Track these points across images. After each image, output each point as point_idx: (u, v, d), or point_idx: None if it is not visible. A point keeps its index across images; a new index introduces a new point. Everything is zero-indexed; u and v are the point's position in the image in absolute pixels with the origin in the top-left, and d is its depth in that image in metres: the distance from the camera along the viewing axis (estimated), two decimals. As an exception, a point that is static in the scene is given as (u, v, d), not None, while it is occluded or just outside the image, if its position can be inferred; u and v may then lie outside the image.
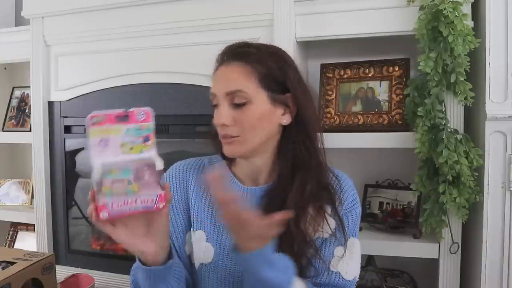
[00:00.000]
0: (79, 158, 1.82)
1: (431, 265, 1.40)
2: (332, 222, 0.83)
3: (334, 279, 0.82)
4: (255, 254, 0.68)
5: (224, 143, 0.84)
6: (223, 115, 0.82)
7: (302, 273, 0.79)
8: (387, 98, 1.44)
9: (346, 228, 0.84)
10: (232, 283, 0.84)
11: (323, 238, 0.83)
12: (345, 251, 0.83)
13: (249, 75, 0.82)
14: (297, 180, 0.82)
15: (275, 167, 0.87)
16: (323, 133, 0.89)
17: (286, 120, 0.85)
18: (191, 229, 0.89)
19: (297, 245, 0.80)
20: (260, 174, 0.88)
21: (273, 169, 0.87)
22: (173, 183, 0.92)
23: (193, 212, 0.89)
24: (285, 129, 0.86)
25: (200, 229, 0.87)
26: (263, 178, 0.88)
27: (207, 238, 0.86)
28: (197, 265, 0.87)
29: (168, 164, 0.64)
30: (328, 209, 0.83)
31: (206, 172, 0.86)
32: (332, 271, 0.82)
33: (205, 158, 0.98)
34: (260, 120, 0.82)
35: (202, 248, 0.86)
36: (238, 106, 0.82)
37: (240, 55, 0.84)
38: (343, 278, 0.82)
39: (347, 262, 0.83)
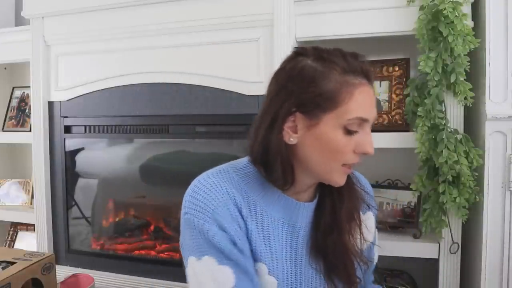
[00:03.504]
0: (79, 158, 1.82)
1: (431, 265, 1.40)
2: (373, 220, 0.87)
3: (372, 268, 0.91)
4: None
5: (345, 173, 0.75)
6: (372, 143, 0.73)
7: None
8: (387, 98, 1.44)
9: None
10: None
11: (370, 243, 0.87)
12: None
13: None
14: (344, 192, 0.80)
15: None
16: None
17: None
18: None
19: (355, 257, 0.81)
20: (311, 188, 0.82)
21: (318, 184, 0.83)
22: (228, 209, 0.73)
23: (251, 241, 0.76)
24: None
25: (260, 261, 0.76)
26: (313, 194, 0.83)
27: (268, 271, 0.76)
28: None
29: (168, 163, 0.61)
30: (371, 215, 0.86)
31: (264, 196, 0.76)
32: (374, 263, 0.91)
33: (231, 171, 0.78)
34: None
35: (266, 282, 0.77)
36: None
37: (372, 77, 0.75)
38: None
39: (377, 249, 0.91)
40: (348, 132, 0.70)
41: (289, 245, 0.78)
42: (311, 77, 0.69)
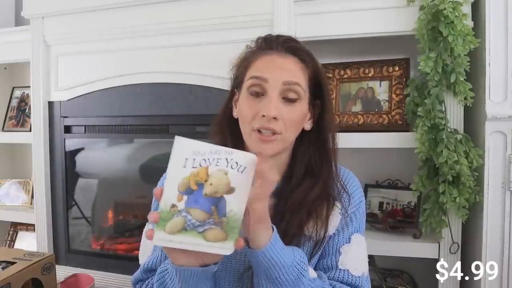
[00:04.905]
0: (79, 158, 1.82)
1: (431, 265, 1.40)
2: (338, 218, 0.83)
3: (343, 277, 0.82)
4: (270, 244, 0.66)
5: (261, 141, 0.78)
6: (274, 107, 0.76)
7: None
8: (387, 98, 1.44)
9: (351, 226, 0.84)
10: (238, 278, 0.83)
11: (329, 235, 0.83)
12: (351, 248, 0.83)
13: (303, 73, 0.81)
14: (306, 184, 0.81)
15: (285, 168, 0.86)
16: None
17: (309, 126, 0.85)
18: None
19: (301, 246, 0.79)
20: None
21: (282, 169, 0.86)
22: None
23: None
24: (302, 133, 0.85)
25: None
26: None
27: None
28: None
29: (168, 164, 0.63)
30: (338, 205, 0.83)
31: None
32: (340, 269, 0.82)
33: None
34: (300, 121, 0.82)
35: None
36: (289, 101, 0.79)
37: (294, 50, 0.82)
38: (352, 275, 0.82)
39: (354, 258, 0.83)
40: (250, 93, 0.79)
41: None
42: (236, 62, 0.87)
